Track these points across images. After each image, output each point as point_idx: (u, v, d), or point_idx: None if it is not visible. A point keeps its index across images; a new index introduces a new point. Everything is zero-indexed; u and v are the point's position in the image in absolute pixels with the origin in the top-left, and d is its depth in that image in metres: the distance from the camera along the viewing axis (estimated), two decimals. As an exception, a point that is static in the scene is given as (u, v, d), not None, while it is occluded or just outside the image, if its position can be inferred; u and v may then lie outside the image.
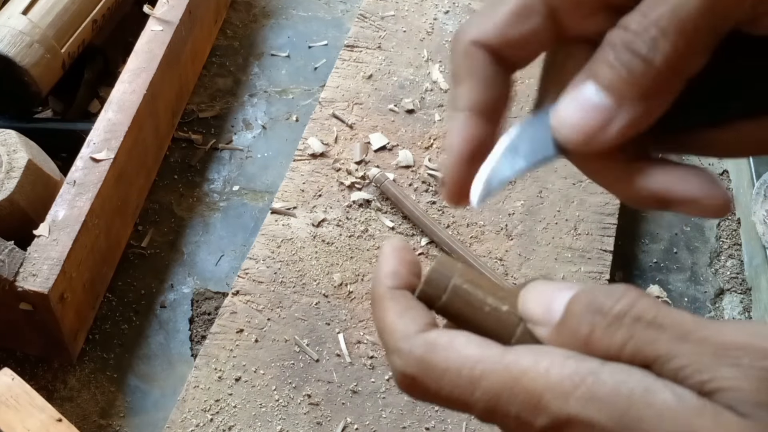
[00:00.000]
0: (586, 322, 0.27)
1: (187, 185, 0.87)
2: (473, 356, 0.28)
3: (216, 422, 0.69)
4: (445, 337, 0.29)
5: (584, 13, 0.31)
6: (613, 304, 0.27)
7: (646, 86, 0.28)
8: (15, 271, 0.64)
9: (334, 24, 1.03)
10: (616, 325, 0.27)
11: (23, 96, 0.80)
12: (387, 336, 0.30)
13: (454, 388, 0.28)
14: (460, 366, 0.28)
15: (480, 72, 0.31)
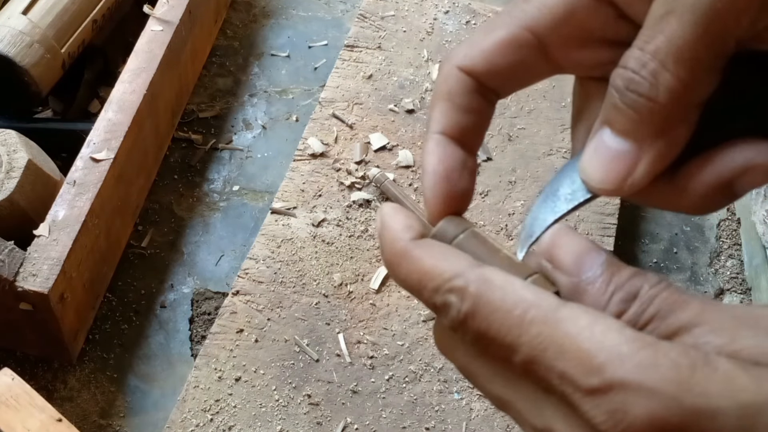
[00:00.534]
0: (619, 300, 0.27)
1: (187, 185, 0.87)
2: (528, 299, 0.27)
3: (216, 422, 0.69)
4: (501, 275, 0.28)
5: (573, 48, 0.31)
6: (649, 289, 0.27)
7: (659, 123, 0.27)
8: (15, 271, 0.64)
9: (334, 24, 1.03)
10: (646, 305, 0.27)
11: (23, 96, 0.80)
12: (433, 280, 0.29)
13: (502, 327, 0.27)
14: (513, 306, 0.27)
15: (458, 97, 0.31)
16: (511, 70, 0.31)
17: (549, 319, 0.26)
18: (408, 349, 0.75)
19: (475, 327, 0.28)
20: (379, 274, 0.78)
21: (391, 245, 0.30)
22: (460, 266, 0.28)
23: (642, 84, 0.27)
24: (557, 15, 0.30)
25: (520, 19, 0.30)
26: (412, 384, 0.73)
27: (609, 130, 0.29)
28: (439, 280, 0.29)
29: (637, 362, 0.25)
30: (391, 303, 0.77)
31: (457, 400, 0.72)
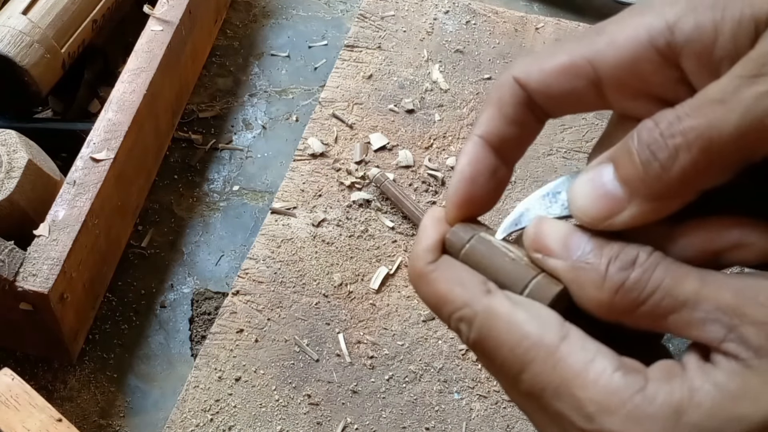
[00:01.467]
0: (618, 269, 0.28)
1: (187, 185, 0.87)
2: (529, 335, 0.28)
3: (216, 422, 0.69)
4: (506, 306, 0.29)
5: (627, 95, 0.30)
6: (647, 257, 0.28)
7: (659, 190, 0.28)
8: (15, 271, 0.64)
9: (334, 24, 1.03)
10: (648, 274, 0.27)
11: (23, 96, 0.80)
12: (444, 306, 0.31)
13: (506, 361, 0.29)
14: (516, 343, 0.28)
15: (507, 107, 0.32)
16: (562, 94, 0.31)
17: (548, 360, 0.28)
18: (408, 349, 0.75)
19: (483, 354, 0.30)
20: (379, 274, 0.78)
21: (413, 264, 0.32)
22: (470, 295, 0.30)
23: (662, 151, 0.27)
24: (622, 59, 0.30)
25: (586, 49, 0.30)
26: (412, 384, 0.73)
27: (612, 169, 0.29)
28: (451, 307, 0.30)
29: (625, 414, 0.26)
30: (391, 303, 0.77)
31: (457, 400, 0.72)
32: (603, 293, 0.28)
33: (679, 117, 0.27)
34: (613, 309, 0.28)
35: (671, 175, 0.27)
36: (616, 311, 0.28)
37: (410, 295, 0.78)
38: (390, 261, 0.79)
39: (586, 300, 0.29)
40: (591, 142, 0.88)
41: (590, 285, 0.28)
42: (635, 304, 0.28)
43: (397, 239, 0.81)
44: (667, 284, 0.27)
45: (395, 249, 0.80)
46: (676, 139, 0.27)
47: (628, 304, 0.28)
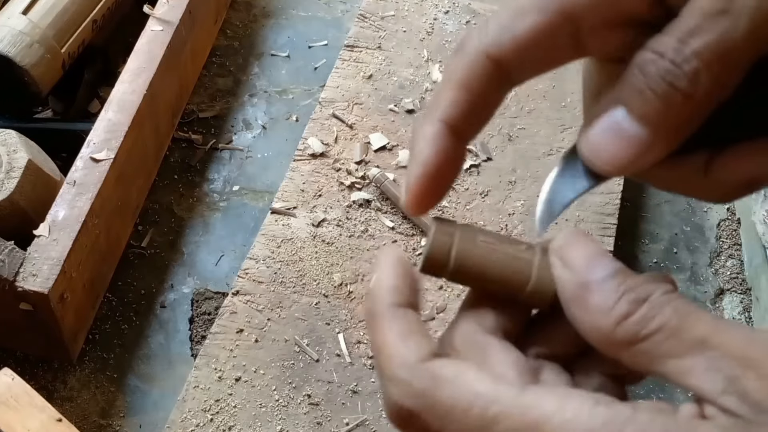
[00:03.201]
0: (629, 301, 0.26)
1: (187, 185, 0.87)
2: (486, 395, 0.26)
3: (216, 422, 0.69)
4: (452, 368, 0.27)
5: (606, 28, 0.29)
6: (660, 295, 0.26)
7: (685, 117, 0.27)
8: (15, 271, 0.64)
9: (334, 24, 1.03)
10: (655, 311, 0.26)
11: (23, 96, 0.80)
12: (384, 360, 0.28)
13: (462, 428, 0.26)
14: (470, 405, 0.26)
15: (477, 87, 0.29)
16: (540, 59, 0.29)
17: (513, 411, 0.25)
18: (408, 349, 0.74)
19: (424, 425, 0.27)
20: (379, 274, 0.78)
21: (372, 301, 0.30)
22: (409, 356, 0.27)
23: (681, 79, 0.26)
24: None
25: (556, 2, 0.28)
26: (412, 384, 0.73)
27: (625, 112, 0.27)
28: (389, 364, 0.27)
29: None
30: (391, 303, 0.77)
31: (457, 400, 0.72)
32: (606, 319, 0.26)
33: (682, 40, 0.26)
34: (612, 339, 0.27)
35: (696, 99, 0.26)
36: (614, 343, 0.27)
37: (410, 295, 0.78)
38: (390, 261, 0.79)
39: (586, 322, 0.27)
40: (591, 142, 0.88)
41: (596, 309, 0.27)
42: (635, 339, 0.26)
43: (397, 239, 0.81)
44: (673, 325, 0.26)
45: (395, 249, 0.80)
46: (693, 63, 0.26)
47: (628, 337, 0.26)
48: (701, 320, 0.26)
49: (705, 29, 0.26)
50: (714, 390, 0.25)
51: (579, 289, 0.27)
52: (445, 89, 0.30)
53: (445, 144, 0.30)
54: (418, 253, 0.80)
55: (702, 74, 0.26)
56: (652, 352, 0.26)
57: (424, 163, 0.30)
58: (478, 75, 0.29)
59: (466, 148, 0.31)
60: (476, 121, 0.30)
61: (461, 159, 0.31)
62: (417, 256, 0.80)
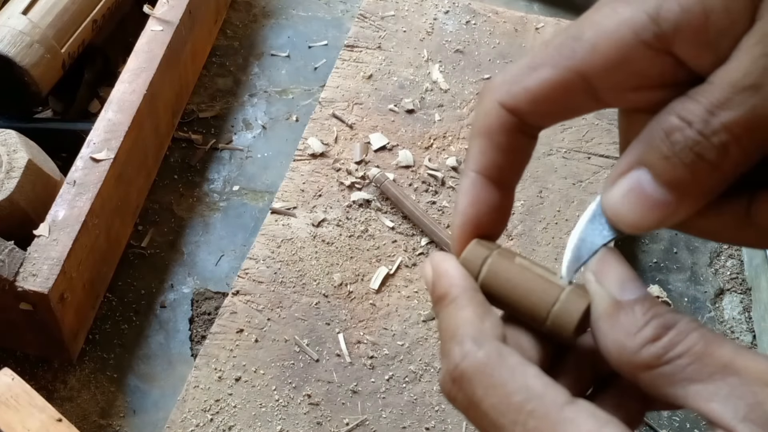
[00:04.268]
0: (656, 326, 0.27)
1: (187, 185, 0.87)
2: (534, 390, 0.27)
3: (216, 422, 0.69)
4: (518, 357, 0.28)
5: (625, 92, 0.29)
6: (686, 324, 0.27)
7: (710, 186, 0.27)
8: (15, 271, 0.64)
9: (334, 24, 1.03)
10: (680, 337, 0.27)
11: (23, 96, 0.80)
12: (458, 328, 0.29)
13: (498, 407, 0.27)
14: (516, 390, 0.27)
15: (497, 135, 0.31)
16: (556, 110, 0.30)
17: (551, 416, 0.26)
18: (408, 349, 0.75)
19: (469, 391, 0.28)
20: (379, 274, 0.78)
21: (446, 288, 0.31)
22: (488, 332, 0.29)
23: (710, 151, 0.26)
24: (611, 62, 0.28)
25: (569, 60, 0.29)
26: (412, 384, 0.73)
27: (649, 176, 0.28)
28: (461, 331, 0.29)
29: None
30: (391, 303, 0.77)
31: (457, 400, 0.72)
32: (633, 340, 0.27)
33: (711, 111, 0.26)
34: (634, 360, 0.27)
35: (724, 170, 0.26)
36: (636, 363, 0.27)
37: (410, 295, 0.78)
38: (390, 261, 0.79)
39: (612, 339, 0.28)
40: (591, 142, 0.88)
41: (625, 328, 0.27)
42: (657, 362, 0.27)
43: (397, 239, 0.81)
44: (698, 350, 0.26)
45: (395, 249, 0.80)
46: (722, 136, 0.26)
47: (651, 360, 0.27)
48: (725, 347, 0.26)
49: (736, 103, 0.26)
50: (734, 417, 0.25)
51: (611, 307, 0.28)
52: (471, 141, 0.31)
53: (479, 192, 0.31)
54: (419, 252, 0.80)
55: (731, 147, 0.26)
56: (674, 376, 0.26)
57: (462, 213, 0.32)
58: (496, 123, 0.30)
59: (510, 194, 0.32)
60: (510, 167, 0.32)
61: (505, 204, 0.32)
62: (417, 255, 0.80)
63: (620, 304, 0.28)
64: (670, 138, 0.27)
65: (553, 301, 0.30)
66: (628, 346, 0.27)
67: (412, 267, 0.79)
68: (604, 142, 0.88)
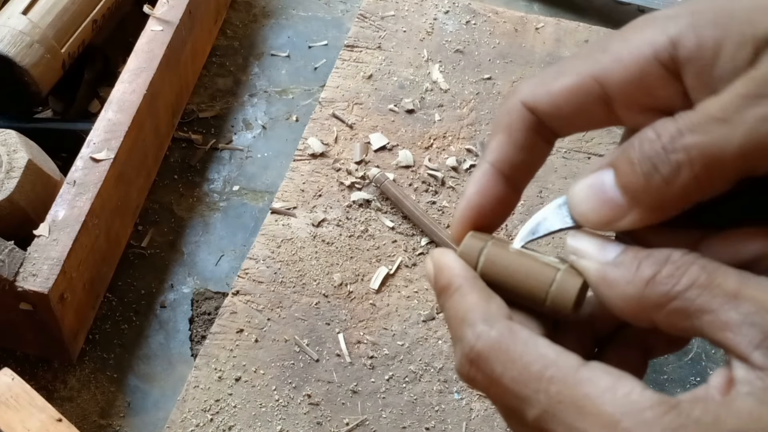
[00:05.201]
0: (650, 264, 0.28)
1: (187, 185, 0.87)
2: (549, 357, 0.28)
3: (216, 422, 0.69)
4: (527, 332, 0.29)
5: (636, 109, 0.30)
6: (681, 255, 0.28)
7: (659, 201, 0.28)
8: (15, 271, 0.64)
9: (334, 24, 1.03)
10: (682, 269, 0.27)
11: (23, 96, 0.80)
12: (467, 313, 0.30)
13: (518, 379, 0.28)
14: (533, 361, 0.28)
15: (517, 132, 0.32)
16: (573, 115, 0.32)
17: (569, 379, 0.27)
18: (408, 349, 0.75)
19: (487, 369, 0.29)
20: (379, 274, 0.78)
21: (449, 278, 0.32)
22: (495, 313, 0.30)
23: (664, 165, 0.28)
24: (629, 74, 0.30)
25: (592, 68, 0.30)
26: (412, 384, 0.73)
27: (612, 176, 0.29)
28: (470, 315, 0.30)
29: (663, 428, 0.25)
30: (391, 303, 0.77)
31: (457, 400, 0.72)
32: (633, 286, 0.28)
33: (681, 131, 0.27)
34: (643, 304, 0.28)
35: (673, 189, 0.28)
36: (646, 307, 0.28)
37: (410, 295, 0.78)
38: (390, 261, 0.79)
39: (614, 297, 0.29)
40: (591, 142, 0.88)
41: (620, 281, 0.28)
42: (667, 298, 0.27)
43: (397, 239, 0.81)
44: (703, 281, 0.27)
45: (395, 249, 0.80)
46: (679, 155, 0.27)
47: (659, 298, 0.27)
48: (730, 276, 0.27)
49: (702, 130, 0.27)
50: (749, 344, 0.25)
51: (599, 271, 0.29)
52: (492, 135, 0.33)
53: (488, 183, 0.33)
54: (419, 252, 0.80)
55: (684, 169, 0.27)
56: (687, 309, 0.27)
57: (468, 199, 0.33)
58: (517, 120, 0.32)
59: (517, 193, 0.34)
60: (523, 166, 0.33)
61: (510, 200, 0.34)
62: (417, 255, 0.80)
63: (608, 264, 0.29)
64: (640, 146, 0.28)
65: (550, 282, 0.31)
66: (632, 293, 0.28)
67: (412, 267, 0.79)
68: (604, 142, 0.88)
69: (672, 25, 0.29)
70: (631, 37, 0.30)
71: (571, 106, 0.31)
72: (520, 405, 0.28)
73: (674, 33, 0.29)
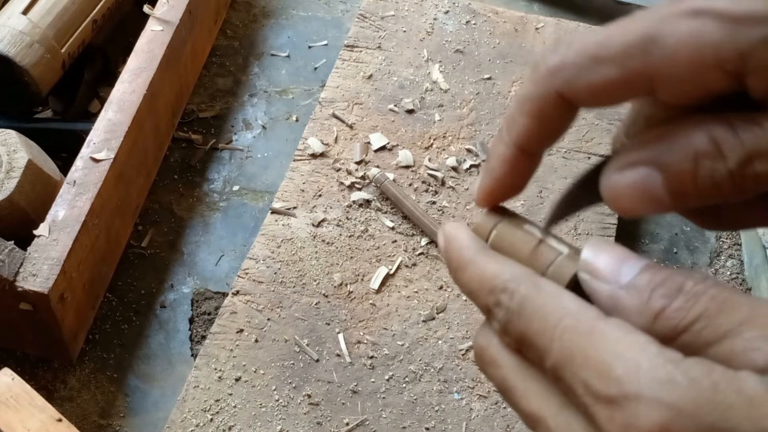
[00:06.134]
0: (661, 296, 0.27)
1: (187, 185, 0.87)
2: (568, 308, 0.28)
3: (216, 422, 0.69)
4: (552, 285, 0.29)
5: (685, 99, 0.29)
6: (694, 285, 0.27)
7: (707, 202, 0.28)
8: (15, 271, 0.64)
9: (334, 24, 1.03)
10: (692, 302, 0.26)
11: (23, 96, 0.80)
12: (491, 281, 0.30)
13: (538, 330, 0.28)
14: (551, 312, 0.28)
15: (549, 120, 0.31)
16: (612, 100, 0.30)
17: (581, 329, 0.27)
18: (408, 349, 0.75)
19: (517, 327, 0.29)
20: (379, 274, 0.78)
21: (458, 253, 0.32)
22: (519, 271, 0.30)
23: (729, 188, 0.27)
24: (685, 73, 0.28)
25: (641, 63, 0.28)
26: (412, 384, 0.73)
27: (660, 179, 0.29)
28: (497, 282, 0.30)
29: (654, 377, 0.25)
30: (391, 303, 0.77)
31: (457, 400, 0.72)
32: (642, 319, 0.27)
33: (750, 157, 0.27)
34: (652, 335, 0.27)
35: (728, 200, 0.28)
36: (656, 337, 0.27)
37: (410, 295, 0.78)
38: (390, 261, 0.79)
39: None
40: (591, 142, 0.88)
41: (631, 310, 0.27)
42: (675, 332, 0.26)
43: (397, 239, 0.81)
44: (710, 312, 0.26)
45: (395, 249, 0.80)
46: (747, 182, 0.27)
47: (668, 332, 0.26)
48: (742, 303, 0.26)
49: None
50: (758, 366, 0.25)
51: (611, 298, 0.28)
52: (519, 115, 0.32)
53: (516, 164, 0.33)
54: (419, 252, 0.80)
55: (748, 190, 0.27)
56: (695, 342, 0.26)
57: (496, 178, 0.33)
58: (550, 109, 0.31)
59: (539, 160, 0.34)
60: (548, 141, 0.33)
61: (532, 171, 0.34)
62: (417, 255, 0.80)
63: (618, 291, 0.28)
64: (698, 163, 0.27)
65: (549, 264, 0.31)
66: (641, 325, 0.27)
67: (412, 267, 0.79)
68: (604, 142, 0.88)
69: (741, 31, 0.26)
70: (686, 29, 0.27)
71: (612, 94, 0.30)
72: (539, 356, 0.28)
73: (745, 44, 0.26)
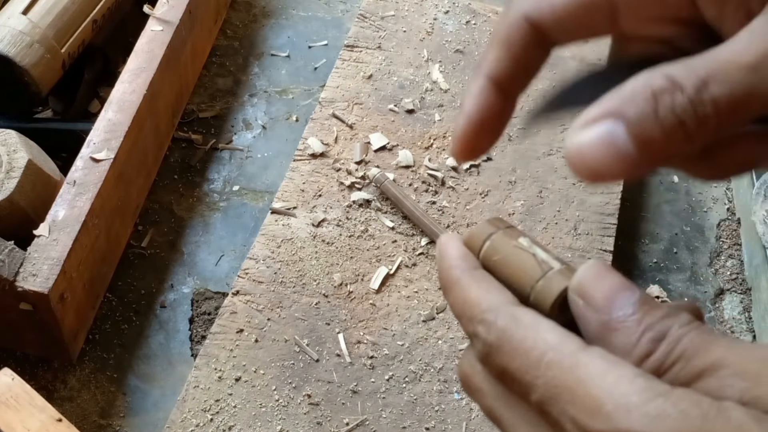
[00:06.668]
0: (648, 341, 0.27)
1: (187, 185, 0.87)
2: (549, 342, 0.28)
3: (216, 422, 0.69)
4: (531, 316, 0.29)
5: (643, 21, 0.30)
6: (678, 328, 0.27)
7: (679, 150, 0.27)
8: (15, 271, 0.64)
9: (334, 24, 1.03)
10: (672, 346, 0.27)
11: (23, 96, 0.80)
12: (471, 309, 0.30)
13: (521, 366, 0.28)
14: (533, 347, 0.28)
15: (516, 47, 0.32)
16: (576, 27, 0.31)
17: (565, 363, 0.27)
18: (408, 349, 0.75)
19: (497, 361, 0.29)
20: (379, 274, 0.78)
21: (446, 272, 0.32)
22: (497, 301, 0.30)
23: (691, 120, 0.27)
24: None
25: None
26: (412, 384, 0.73)
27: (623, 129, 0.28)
28: (476, 311, 0.30)
29: (645, 412, 0.25)
30: (391, 303, 0.77)
31: (457, 400, 0.72)
32: (629, 359, 0.27)
33: (706, 82, 0.26)
34: None
35: (694, 140, 0.27)
36: None
37: (410, 295, 0.78)
38: (390, 261, 0.79)
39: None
40: (591, 142, 0.88)
41: (619, 348, 0.27)
42: (657, 373, 0.27)
43: (397, 239, 0.81)
44: (688, 355, 0.26)
45: (395, 249, 0.80)
46: (707, 108, 0.26)
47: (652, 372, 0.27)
48: (717, 345, 0.26)
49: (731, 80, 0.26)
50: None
51: (602, 330, 0.28)
52: (489, 48, 0.32)
53: (488, 97, 0.32)
54: (419, 252, 0.80)
55: (710, 120, 0.26)
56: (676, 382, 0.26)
57: (468, 115, 0.32)
58: (517, 35, 0.31)
59: (513, 103, 0.33)
60: (520, 78, 0.33)
61: (508, 112, 0.33)
62: (417, 255, 0.80)
63: (610, 324, 0.28)
64: (657, 98, 0.27)
65: (538, 278, 0.30)
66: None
67: (412, 267, 0.79)
68: (604, 142, 0.88)
69: None
70: None
71: (576, 19, 0.31)
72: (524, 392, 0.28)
73: None
